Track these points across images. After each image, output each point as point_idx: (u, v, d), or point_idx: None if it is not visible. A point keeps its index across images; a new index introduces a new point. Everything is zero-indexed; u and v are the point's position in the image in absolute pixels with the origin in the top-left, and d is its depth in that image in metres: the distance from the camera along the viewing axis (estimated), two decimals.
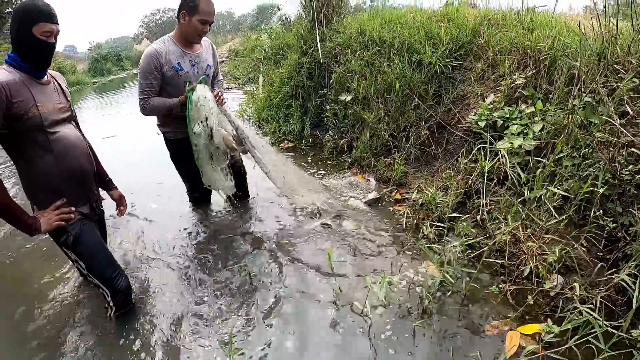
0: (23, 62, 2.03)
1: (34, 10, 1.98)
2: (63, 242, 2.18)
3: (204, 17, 2.76)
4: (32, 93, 2.02)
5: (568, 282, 2.04)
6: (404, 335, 2.02)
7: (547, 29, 3.21)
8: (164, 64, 2.80)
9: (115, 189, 2.63)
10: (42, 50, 2.04)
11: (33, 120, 2.00)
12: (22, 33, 1.98)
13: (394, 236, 2.91)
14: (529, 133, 2.77)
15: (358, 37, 4.68)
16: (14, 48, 2.04)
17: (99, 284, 2.25)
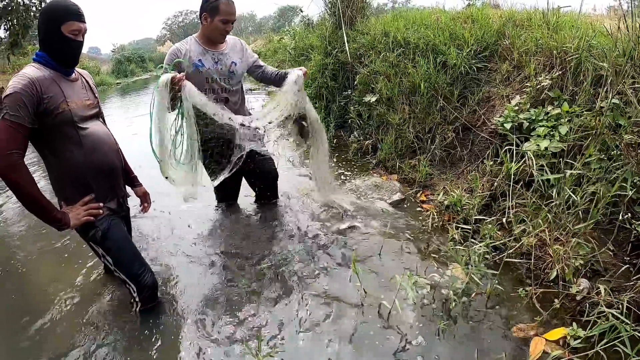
0: (52, 60, 2.10)
1: (63, 9, 2.05)
2: (91, 237, 2.23)
3: (226, 17, 2.84)
4: (62, 89, 2.09)
5: (594, 286, 2.04)
6: (430, 336, 2.05)
7: (572, 29, 3.19)
8: (182, 59, 2.87)
9: (140, 185, 2.69)
10: (71, 48, 2.11)
11: (63, 116, 2.06)
12: (51, 32, 2.05)
13: (419, 238, 2.94)
14: (555, 135, 2.76)
15: (382, 38, 4.71)
16: (41, 47, 2.11)
17: (125, 280, 2.31)
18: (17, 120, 1.91)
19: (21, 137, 1.94)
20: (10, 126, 1.90)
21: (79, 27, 2.09)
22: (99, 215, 2.22)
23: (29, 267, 3.08)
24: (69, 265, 2.99)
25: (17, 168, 1.93)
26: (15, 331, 2.35)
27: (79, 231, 2.24)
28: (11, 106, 1.90)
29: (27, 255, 3.22)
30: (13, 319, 2.47)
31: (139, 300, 2.34)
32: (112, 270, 2.33)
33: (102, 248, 2.27)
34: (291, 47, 7.18)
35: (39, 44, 2.13)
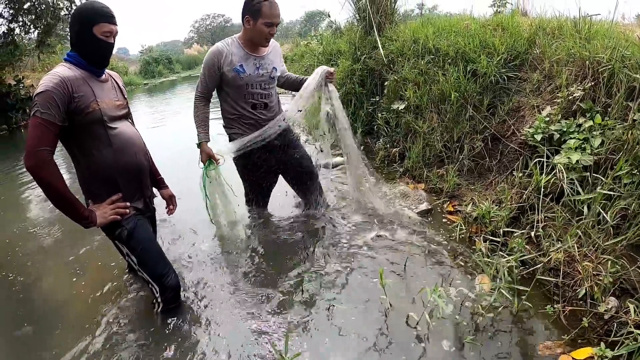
0: (83, 60, 2.17)
1: (95, 11, 2.12)
2: (117, 235, 2.29)
3: (270, 20, 2.78)
4: (92, 88, 2.15)
5: (623, 305, 2.02)
6: (456, 351, 2.07)
7: (605, 39, 3.14)
8: (223, 63, 2.89)
9: (166, 187, 2.76)
10: (102, 50, 2.18)
11: (93, 115, 2.12)
12: (83, 33, 2.11)
13: (446, 249, 2.95)
14: (587, 148, 2.73)
15: (411, 45, 4.70)
16: (73, 47, 2.18)
17: (148, 280, 2.37)
18: (48, 117, 1.97)
19: (52, 135, 2.00)
20: (42, 124, 1.96)
21: (111, 29, 2.15)
22: (125, 215, 2.28)
23: (46, 266, 3.24)
24: (91, 263, 3.13)
25: (47, 165, 1.99)
26: (33, 331, 2.47)
27: (105, 229, 2.30)
28: (42, 104, 1.96)
29: (45, 255, 3.39)
30: (33, 319, 2.58)
31: (162, 301, 2.41)
32: (136, 270, 2.39)
33: (127, 247, 2.33)
34: (319, 51, 7.23)
35: (71, 45, 2.20)
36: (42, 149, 1.96)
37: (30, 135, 1.97)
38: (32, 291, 2.92)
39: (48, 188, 2.02)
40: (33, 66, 13.56)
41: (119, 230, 2.27)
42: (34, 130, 1.97)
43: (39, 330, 2.49)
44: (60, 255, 3.35)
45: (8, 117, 9.99)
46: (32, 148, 1.95)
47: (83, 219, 2.14)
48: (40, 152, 1.96)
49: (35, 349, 2.32)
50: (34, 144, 1.95)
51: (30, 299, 2.82)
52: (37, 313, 2.67)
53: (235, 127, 3.11)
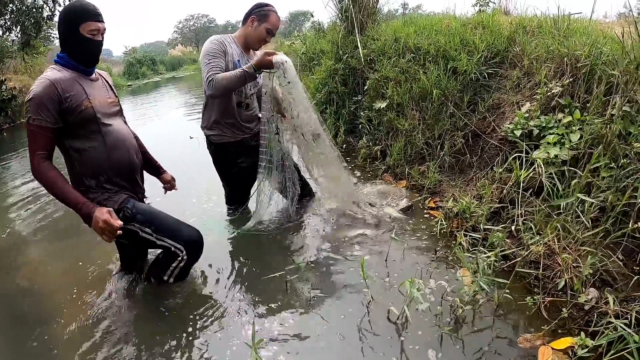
0: (72, 60, 2.18)
1: (80, 9, 2.11)
2: (122, 218, 2.21)
3: (272, 27, 3.00)
4: (83, 87, 2.16)
5: (603, 295, 2.03)
6: (434, 343, 2.05)
7: (583, 36, 3.17)
8: (227, 52, 2.93)
9: (165, 172, 2.83)
10: (90, 48, 2.18)
11: (86, 113, 2.14)
12: (69, 32, 2.12)
13: (427, 244, 2.94)
14: (565, 143, 2.75)
15: (393, 44, 4.71)
16: (62, 48, 2.18)
17: (170, 243, 2.36)
18: (40, 123, 2.01)
19: (46, 138, 2.06)
20: (35, 130, 2.02)
21: (98, 27, 2.15)
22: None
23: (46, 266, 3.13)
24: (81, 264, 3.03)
25: (44, 169, 2.05)
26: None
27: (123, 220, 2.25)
28: (34, 110, 2.01)
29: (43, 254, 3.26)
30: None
31: (187, 258, 2.42)
32: (154, 242, 2.36)
33: (137, 222, 2.31)
34: (302, 52, 7.21)
35: (60, 46, 2.20)
36: (38, 153, 2.04)
37: (29, 142, 2.06)
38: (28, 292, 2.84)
39: (49, 189, 2.09)
40: (16, 68, 13.35)
41: (122, 213, 2.26)
42: (30, 136, 2.05)
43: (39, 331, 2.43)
44: (49, 253, 3.29)
45: None
46: (31, 154, 2.05)
47: (84, 217, 2.14)
48: (37, 157, 2.04)
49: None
50: (31, 149, 2.05)
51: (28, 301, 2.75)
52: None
53: (216, 129, 3.14)
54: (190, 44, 38.98)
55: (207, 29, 46.13)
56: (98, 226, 2.07)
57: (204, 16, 49.51)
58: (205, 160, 3.41)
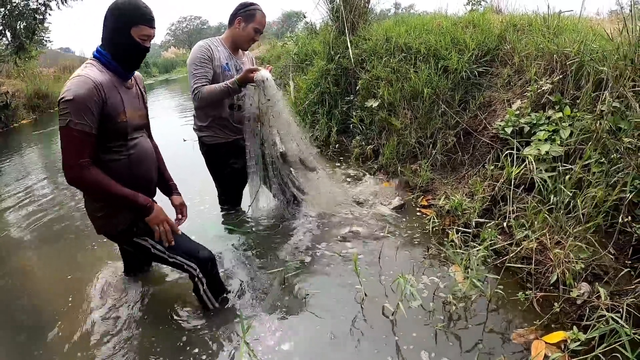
0: (114, 62, 2.01)
1: (136, 11, 1.95)
2: (135, 232, 2.12)
3: (258, 26, 2.99)
4: (121, 96, 2.01)
5: (595, 290, 2.03)
6: (428, 339, 2.05)
7: (573, 33, 3.20)
8: (214, 58, 2.93)
9: (178, 195, 2.56)
10: (137, 53, 2.04)
11: (120, 125, 1.99)
12: (119, 33, 1.95)
13: (419, 241, 2.95)
14: (556, 139, 2.76)
15: (384, 44, 4.72)
16: (105, 46, 2.01)
17: (183, 262, 2.21)
18: (83, 128, 1.83)
19: (90, 145, 1.88)
20: (77, 136, 1.83)
21: (150, 33, 2.02)
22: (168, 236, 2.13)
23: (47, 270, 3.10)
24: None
25: (91, 175, 1.88)
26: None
27: (126, 234, 2.16)
28: (75, 113, 1.81)
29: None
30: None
31: (204, 275, 2.27)
32: (166, 259, 2.22)
33: (150, 237, 2.15)
34: (294, 52, 7.21)
35: (102, 41, 2.03)
36: (82, 161, 1.85)
37: (67, 148, 1.85)
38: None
39: (99, 193, 1.98)
40: (8, 72, 13.26)
41: (135, 227, 2.12)
42: (69, 143, 1.85)
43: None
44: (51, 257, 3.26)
45: None
46: (71, 161, 1.84)
47: (144, 209, 2.05)
48: (79, 166, 1.85)
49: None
50: (72, 156, 1.84)
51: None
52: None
53: (208, 130, 3.14)
54: (183, 46, 38.95)
55: (199, 30, 46.01)
56: (159, 220, 2.07)
57: (196, 18, 49.44)
58: (199, 161, 3.38)
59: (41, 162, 6.65)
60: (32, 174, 5.77)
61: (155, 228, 2.08)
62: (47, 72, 16.02)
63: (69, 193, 4.58)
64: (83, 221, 3.76)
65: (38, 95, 12.58)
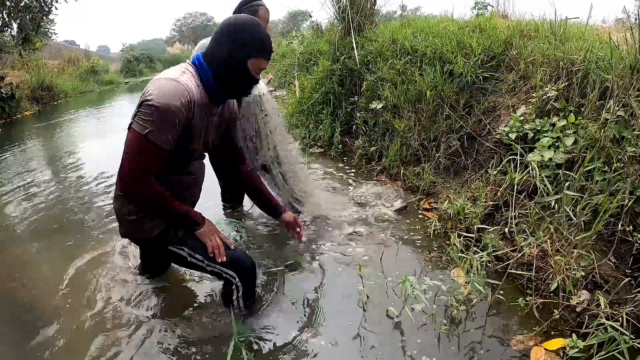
0: (215, 84, 1.86)
1: (260, 45, 1.83)
2: (175, 240, 2.01)
3: (262, 23, 2.84)
4: (206, 126, 1.90)
5: (594, 297, 2.05)
6: (431, 343, 2.07)
7: (579, 41, 3.20)
8: None
9: (286, 212, 2.52)
10: (246, 86, 1.92)
11: (188, 152, 1.91)
12: (235, 61, 1.81)
13: (421, 245, 2.96)
14: (560, 146, 2.77)
15: (390, 46, 4.73)
16: (210, 61, 1.85)
17: (222, 270, 2.07)
18: (162, 144, 1.71)
19: (162, 162, 1.76)
20: (153, 149, 1.70)
21: (265, 66, 1.90)
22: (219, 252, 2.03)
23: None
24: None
25: (151, 185, 1.78)
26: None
27: (159, 241, 2.02)
28: (159, 124, 1.68)
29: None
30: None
31: (241, 284, 2.12)
32: (204, 267, 2.08)
33: (187, 247, 2.02)
34: (299, 51, 7.22)
35: (208, 56, 1.87)
36: (148, 173, 1.74)
37: (136, 159, 1.72)
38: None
39: (157, 201, 1.84)
40: (13, 63, 13.30)
41: (173, 232, 2.01)
42: (141, 153, 1.71)
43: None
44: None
45: None
46: (138, 173, 1.72)
47: (195, 224, 1.98)
48: (144, 180, 1.74)
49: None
50: (138, 168, 1.72)
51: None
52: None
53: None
54: (189, 42, 38.97)
55: (205, 27, 46.04)
56: (211, 236, 2.01)
57: (202, 14, 49.45)
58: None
59: (43, 154, 6.67)
60: (34, 166, 5.79)
61: (206, 242, 2.00)
62: (51, 64, 16.10)
63: (71, 187, 4.61)
64: (84, 215, 3.79)
65: (42, 87, 12.63)
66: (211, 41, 1.87)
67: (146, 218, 1.96)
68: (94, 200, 4.21)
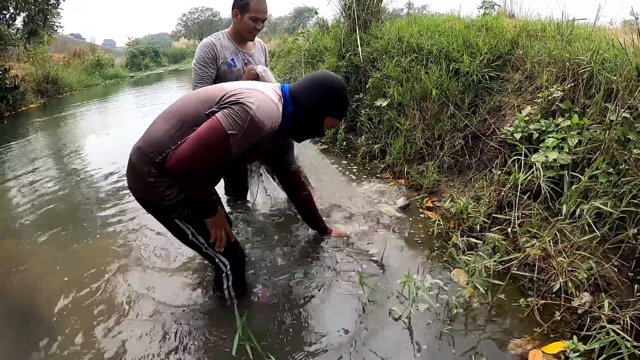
0: (290, 123, 2.03)
1: (343, 107, 2.08)
2: (184, 216, 2.06)
3: (255, 15, 2.85)
4: (266, 150, 2.12)
5: (596, 300, 2.04)
6: (429, 341, 2.07)
7: (586, 42, 3.18)
8: (219, 56, 2.90)
9: (332, 231, 2.88)
10: (313, 136, 2.20)
11: (233, 161, 2.01)
12: (316, 113, 2.04)
13: (423, 243, 2.95)
14: (564, 147, 2.75)
15: (396, 43, 4.72)
16: (298, 101, 2.02)
17: (216, 255, 2.19)
18: (234, 149, 1.81)
19: (220, 162, 1.87)
20: (225, 149, 1.80)
21: (336, 127, 2.11)
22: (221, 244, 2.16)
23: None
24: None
25: (197, 180, 1.86)
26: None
27: (166, 211, 2.05)
28: (247, 135, 1.79)
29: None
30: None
31: (231, 272, 2.26)
32: (201, 249, 2.18)
33: (194, 227, 2.11)
34: (305, 48, 7.20)
35: (295, 95, 2.04)
36: (208, 164, 1.81)
37: (204, 145, 1.76)
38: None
39: (192, 185, 1.89)
40: (19, 56, 13.37)
41: (186, 210, 2.05)
42: (215, 148, 1.78)
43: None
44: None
45: None
46: (196, 162, 1.76)
47: (211, 210, 2.04)
48: (200, 171, 1.81)
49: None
50: (201, 158, 1.77)
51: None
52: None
53: None
54: (194, 37, 38.92)
55: (211, 22, 45.98)
56: (218, 225, 2.09)
57: (208, 9, 49.37)
58: None
59: (46, 147, 6.70)
60: (38, 157, 5.83)
61: (212, 231, 2.09)
62: (57, 57, 16.14)
63: (75, 179, 4.63)
64: (88, 211, 3.80)
65: (47, 80, 12.68)
66: (299, 85, 2.07)
67: (162, 186, 1.96)
68: (98, 193, 4.24)
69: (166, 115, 1.96)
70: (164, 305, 2.44)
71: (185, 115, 1.89)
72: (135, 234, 3.30)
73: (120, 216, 3.65)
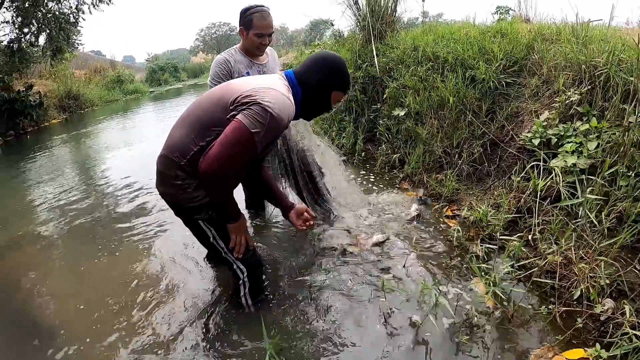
0: (300, 103, 2.13)
1: (346, 80, 2.18)
2: (207, 218, 2.14)
3: (259, 31, 2.93)
4: (280, 141, 2.23)
5: (619, 306, 2.01)
6: (446, 351, 2.07)
7: (602, 43, 3.16)
8: (233, 71, 2.98)
9: (295, 205, 2.69)
10: (323, 112, 2.27)
11: (256, 159, 2.15)
12: (324, 87, 2.13)
13: (443, 252, 2.95)
14: (583, 151, 2.73)
15: (412, 53, 4.75)
16: (302, 83, 2.12)
17: (235, 261, 2.27)
18: (259, 145, 1.89)
19: (247, 161, 1.96)
20: (251, 148, 1.87)
21: (342, 100, 2.27)
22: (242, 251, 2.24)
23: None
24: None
25: (230, 175, 1.90)
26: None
27: (192, 212, 2.13)
28: (268, 131, 1.88)
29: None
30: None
31: (248, 280, 2.34)
32: (221, 253, 2.27)
33: (216, 230, 2.19)
34: None
35: (300, 78, 2.14)
36: (236, 167, 1.89)
37: (232, 146, 1.84)
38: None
39: (221, 190, 1.96)
40: (41, 73, 13.82)
41: (211, 212, 2.13)
42: (242, 147, 1.86)
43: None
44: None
45: (15, 122, 10.18)
46: (227, 163, 1.84)
47: (234, 217, 2.12)
48: (230, 172, 1.87)
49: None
50: (230, 159, 1.84)
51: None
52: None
53: None
54: (212, 52, 39.48)
55: (228, 36, 46.61)
56: (239, 232, 2.17)
57: (225, 24, 50.10)
58: None
59: (70, 161, 6.92)
60: (63, 173, 6.03)
61: (232, 236, 2.18)
62: (78, 73, 16.62)
63: (97, 193, 4.75)
64: (113, 225, 3.90)
65: (69, 96, 13.10)
66: (303, 67, 2.16)
67: (190, 188, 2.04)
68: (118, 207, 4.38)
69: (182, 122, 2.07)
70: (188, 306, 2.55)
71: (200, 118, 2.00)
72: (157, 246, 3.42)
73: (140, 228, 3.80)
